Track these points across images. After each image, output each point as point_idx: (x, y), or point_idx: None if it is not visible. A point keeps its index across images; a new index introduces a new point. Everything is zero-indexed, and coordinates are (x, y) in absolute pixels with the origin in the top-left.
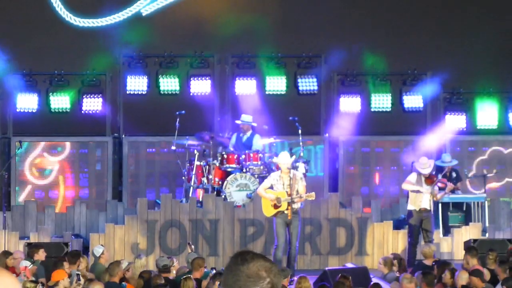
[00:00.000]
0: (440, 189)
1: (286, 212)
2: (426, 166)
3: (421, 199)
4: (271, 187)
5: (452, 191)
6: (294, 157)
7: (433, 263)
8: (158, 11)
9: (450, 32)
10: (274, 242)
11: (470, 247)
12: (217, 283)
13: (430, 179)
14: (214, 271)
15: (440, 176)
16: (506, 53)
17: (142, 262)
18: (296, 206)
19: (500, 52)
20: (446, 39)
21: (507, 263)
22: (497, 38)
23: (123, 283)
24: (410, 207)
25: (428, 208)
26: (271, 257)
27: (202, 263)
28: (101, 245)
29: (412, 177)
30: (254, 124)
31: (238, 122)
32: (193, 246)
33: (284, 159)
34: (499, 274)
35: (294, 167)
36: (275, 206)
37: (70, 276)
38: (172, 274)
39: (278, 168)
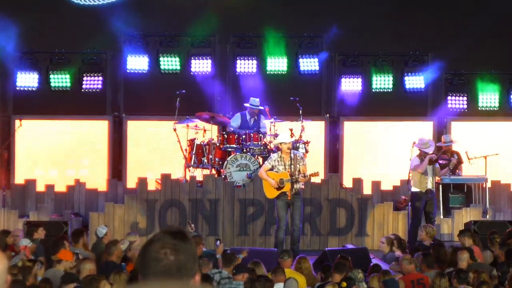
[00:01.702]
0: (442, 167)
1: (288, 192)
2: (428, 145)
3: (426, 180)
4: (272, 169)
5: (455, 168)
6: (294, 137)
7: (432, 243)
8: None
9: (452, 13)
10: (276, 223)
11: (462, 230)
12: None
13: (431, 159)
14: (219, 243)
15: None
16: (508, 34)
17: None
18: (298, 186)
19: (502, 33)
20: (448, 20)
21: (505, 245)
22: (499, 19)
23: (123, 263)
24: (414, 189)
25: (432, 189)
26: (273, 238)
27: (199, 241)
28: (105, 225)
29: (416, 160)
30: (261, 108)
31: (247, 105)
32: (193, 225)
33: (284, 139)
34: (499, 257)
35: (295, 147)
36: (278, 188)
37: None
38: None
39: (278, 148)
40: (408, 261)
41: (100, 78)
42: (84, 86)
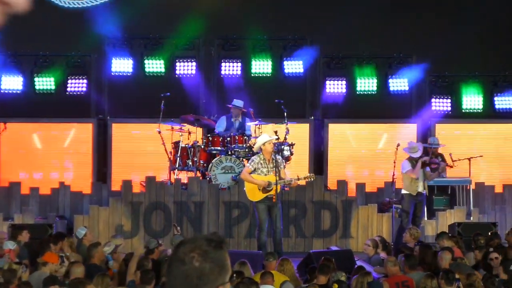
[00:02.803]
0: (432, 170)
1: (273, 196)
2: (416, 150)
3: (417, 184)
4: (254, 171)
5: (442, 170)
6: (276, 137)
7: (415, 245)
8: None
9: (436, 15)
10: (257, 226)
11: (439, 232)
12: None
13: (424, 162)
14: None
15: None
16: (492, 37)
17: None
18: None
19: (486, 35)
20: (432, 22)
21: (484, 247)
22: (482, 21)
23: (109, 262)
24: (405, 191)
25: (423, 192)
26: (255, 241)
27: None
28: (84, 226)
29: (407, 164)
30: (244, 110)
31: (230, 106)
32: (178, 228)
33: (267, 138)
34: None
35: (279, 150)
36: (265, 190)
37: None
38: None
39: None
40: (393, 263)
41: (85, 80)
42: (68, 89)
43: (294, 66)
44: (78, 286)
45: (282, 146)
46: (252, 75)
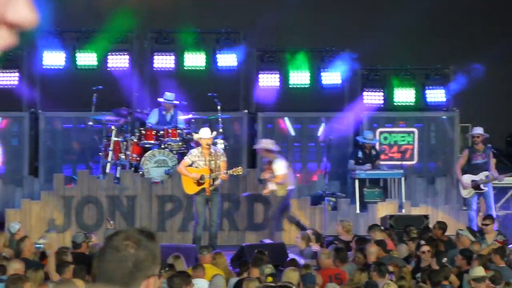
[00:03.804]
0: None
1: (206, 188)
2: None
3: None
4: (191, 164)
5: (373, 162)
6: (215, 133)
7: (354, 237)
8: None
9: (367, 8)
10: (194, 219)
11: (371, 225)
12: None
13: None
14: None
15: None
16: (423, 30)
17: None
18: (217, 182)
19: (417, 28)
20: (363, 15)
21: (418, 239)
22: (414, 14)
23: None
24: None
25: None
26: (191, 234)
27: None
28: (18, 222)
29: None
30: (176, 102)
31: (161, 100)
32: (112, 222)
33: (205, 135)
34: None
35: (214, 143)
36: (198, 183)
37: None
38: (86, 250)
39: (197, 144)
40: (326, 256)
41: (17, 74)
42: (0, 82)
43: (227, 60)
44: (17, 282)
45: (216, 140)
46: (185, 68)
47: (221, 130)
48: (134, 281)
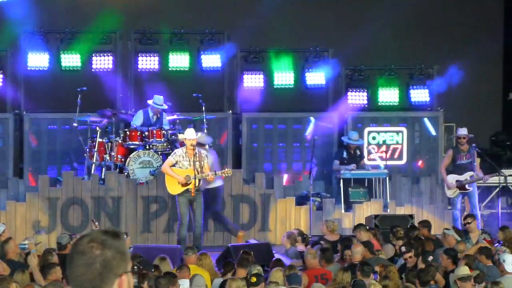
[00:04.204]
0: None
1: (191, 189)
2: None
3: None
4: (175, 164)
5: (358, 162)
6: (200, 134)
7: (341, 237)
8: None
9: (351, 8)
10: (178, 220)
11: (356, 224)
12: None
13: None
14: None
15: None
16: (407, 29)
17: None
18: (201, 183)
19: (401, 28)
20: (347, 15)
21: (404, 238)
22: (398, 14)
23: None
24: None
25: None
26: (175, 235)
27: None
28: (3, 223)
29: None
30: (166, 107)
31: (150, 103)
32: (97, 223)
33: (190, 135)
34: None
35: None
36: (184, 184)
37: None
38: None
39: (182, 145)
40: (313, 255)
41: (0, 75)
42: None
43: (211, 60)
44: (2, 283)
45: (210, 145)
46: (170, 69)
47: (206, 131)
48: (105, 282)
